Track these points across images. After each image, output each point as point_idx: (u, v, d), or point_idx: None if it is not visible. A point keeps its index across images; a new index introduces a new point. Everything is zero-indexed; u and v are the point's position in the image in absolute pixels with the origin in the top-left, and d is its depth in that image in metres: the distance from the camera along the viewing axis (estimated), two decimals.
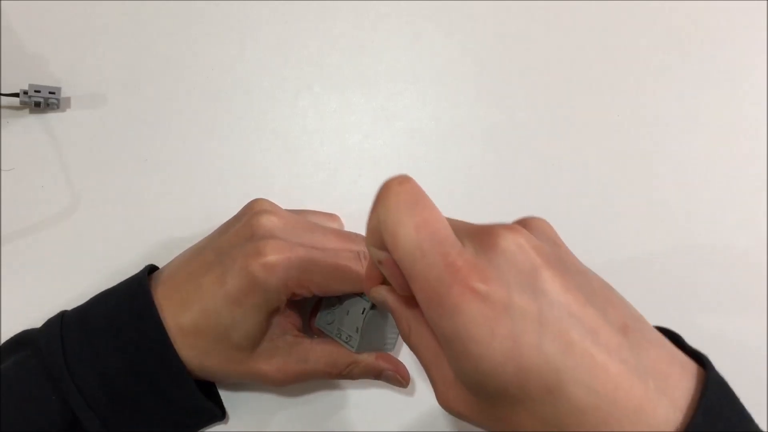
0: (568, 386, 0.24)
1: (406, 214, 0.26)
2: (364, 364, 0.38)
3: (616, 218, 0.44)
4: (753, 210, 0.44)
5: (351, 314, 0.37)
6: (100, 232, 0.43)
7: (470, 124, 0.46)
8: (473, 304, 0.24)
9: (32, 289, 0.42)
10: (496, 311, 0.24)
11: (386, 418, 0.41)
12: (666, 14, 0.48)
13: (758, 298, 0.43)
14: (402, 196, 0.26)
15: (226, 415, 0.40)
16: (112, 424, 0.35)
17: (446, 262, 0.25)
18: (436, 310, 0.25)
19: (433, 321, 0.26)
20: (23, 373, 0.35)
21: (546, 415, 0.24)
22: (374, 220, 0.27)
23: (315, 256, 0.35)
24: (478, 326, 0.24)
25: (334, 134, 0.46)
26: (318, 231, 0.37)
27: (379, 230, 0.26)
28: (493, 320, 0.24)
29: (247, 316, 0.35)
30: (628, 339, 0.25)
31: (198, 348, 0.35)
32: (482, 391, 0.26)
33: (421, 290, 0.25)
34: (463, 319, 0.24)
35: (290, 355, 0.37)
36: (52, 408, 0.34)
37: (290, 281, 0.34)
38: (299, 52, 0.47)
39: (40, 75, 0.45)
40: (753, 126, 0.46)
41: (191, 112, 0.45)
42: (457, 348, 0.25)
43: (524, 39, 0.47)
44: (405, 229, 0.25)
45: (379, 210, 0.26)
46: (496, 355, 0.24)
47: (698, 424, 0.23)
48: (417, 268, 0.25)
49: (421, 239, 0.25)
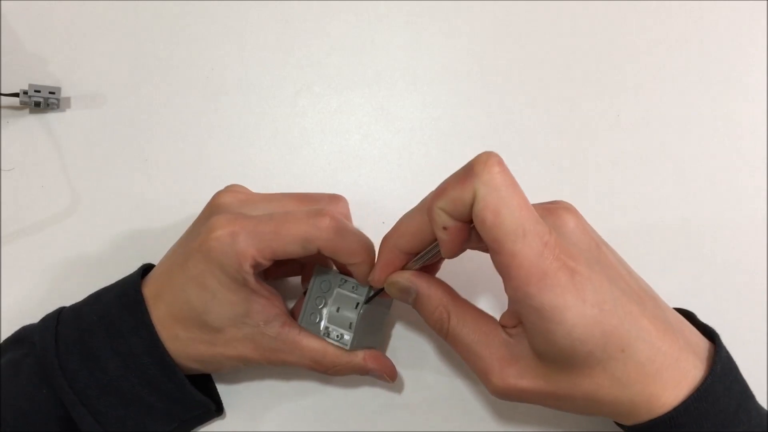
0: (636, 343, 0.29)
1: (510, 194, 0.28)
2: (353, 363, 0.37)
3: (616, 218, 0.44)
4: (753, 210, 0.44)
5: (341, 311, 0.36)
6: (100, 232, 0.43)
7: (470, 124, 0.46)
8: (568, 278, 0.28)
9: (32, 289, 0.42)
10: (583, 283, 0.29)
11: (383, 412, 0.41)
12: (666, 14, 0.48)
13: (758, 298, 0.43)
14: (504, 175, 0.28)
15: (223, 410, 0.40)
16: (105, 419, 0.35)
17: (543, 241, 0.28)
18: (537, 284, 0.28)
19: (528, 295, 0.28)
20: (18, 370, 0.36)
21: (617, 372, 0.29)
22: (463, 192, 0.28)
23: (261, 221, 0.34)
24: (572, 297, 0.28)
25: (334, 134, 0.46)
26: (276, 199, 0.37)
27: (464, 201, 0.28)
28: (582, 291, 0.29)
29: (215, 297, 0.34)
30: (654, 303, 0.32)
31: (179, 338, 0.35)
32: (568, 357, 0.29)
33: (520, 266, 0.28)
34: (560, 291, 0.28)
35: (276, 346, 0.36)
36: (45, 404, 0.35)
37: (242, 250, 0.33)
38: (299, 52, 0.47)
39: (40, 75, 0.45)
40: (753, 126, 0.46)
41: (191, 112, 0.45)
42: (554, 317, 0.28)
43: (524, 39, 0.47)
44: (509, 209, 0.28)
45: (480, 186, 0.28)
46: (587, 320, 0.28)
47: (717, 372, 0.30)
48: (519, 245, 0.28)
49: (524, 219, 0.28)
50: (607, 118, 0.46)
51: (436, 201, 0.29)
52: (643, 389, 0.30)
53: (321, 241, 0.33)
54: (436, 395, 0.41)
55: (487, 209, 0.28)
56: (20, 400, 0.35)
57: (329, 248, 0.33)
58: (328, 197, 0.37)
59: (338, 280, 0.37)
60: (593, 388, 0.30)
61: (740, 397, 0.31)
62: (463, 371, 0.41)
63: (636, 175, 0.45)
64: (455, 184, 0.29)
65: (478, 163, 0.28)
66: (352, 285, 0.36)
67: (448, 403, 0.41)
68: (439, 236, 0.30)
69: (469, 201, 0.28)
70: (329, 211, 0.34)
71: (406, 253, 0.33)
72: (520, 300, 0.29)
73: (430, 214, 0.30)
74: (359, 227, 0.37)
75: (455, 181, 0.29)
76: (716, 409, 0.30)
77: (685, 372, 0.30)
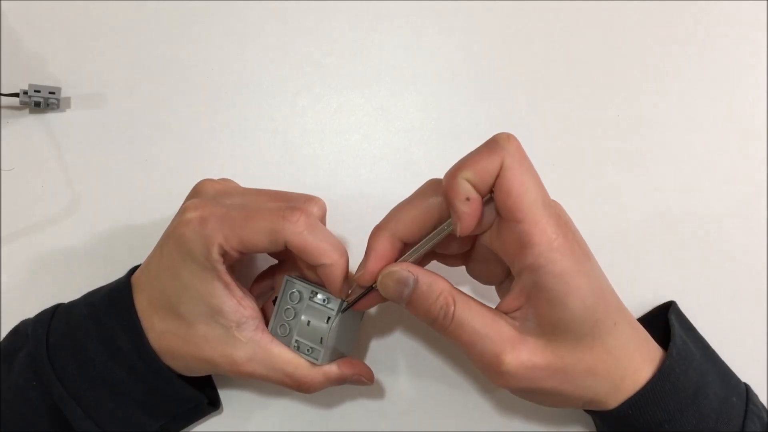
0: (622, 320, 0.33)
1: (531, 168, 0.31)
2: (327, 377, 0.36)
3: (616, 218, 0.44)
4: (753, 210, 0.44)
5: (312, 324, 0.35)
6: (100, 232, 0.43)
7: (470, 124, 0.46)
8: (580, 250, 0.31)
9: (32, 289, 0.42)
10: (589, 257, 0.32)
11: (380, 406, 0.41)
12: (666, 14, 0.48)
13: (758, 298, 0.43)
14: (524, 156, 0.31)
15: (220, 405, 0.40)
16: (95, 412, 0.35)
17: (557, 213, 0.31)
18: (559, 249, 0.30)
19: (551, 260, 0.30)
20: (12, 363, 0.36)
21: (611, 346, 0.32)
22: (490, 162, 0.30)
23: (232, 209, 0.34)
24: (588, 266, 0.31)
25: (334, 134, 0.46)
26: (252, 193, 0.36)
27: (491, 171, 0.30)
28: (590, 263, 0.32)
29: (186, 286, 0.34)
30: None
31: (155, 328, 0.35)
32: (578, 327, 0.31)
33: (543, 232, 0.30)
34: (579, 259, 0.31)
35: (248, 354, 0.35)
36: (36, 397, 0.35)
37: (209, 235, 0.33)
38: (299, 52, 0.47)
39: (40, 75, 0.45)
40: (753, 126, 0.46)
41: (191, 112, 0.45)
42: (573, 281, 0.30)
43: (524, 39, 0.47)
44: (533, 180, 0.30)
45: (507, 156, 0.30)
46: (595, 290, 0.31)
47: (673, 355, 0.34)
48: (542, 214, 0.30)
49: (543, 192, 0.31)
50: (607, 118, 0.46)
51: (461, 172, 0.30)
52: (628, 365, 0.33)
53: (289, 235, 0.32)
54: (431, 388, 0.41)
55: (514, 178, 0.30)
56: (11, 392, 0.35)
57: (297, 244, 0.33)
58: (304, 197, 0.36)
59: (309, 292, 0.35)
60: (594, 362, 0.32)
61: (698, 380, 0.34)
62: (454, 370, 0.41)
63: (636, 175, 0.45)
64: (481, 155, 0.30)
65: (502, 138, 0.30)
66: (324, 298, 0.35)
67: (443, 398, 0.41)
68: (460, 210, 0.30)
69: (495, 171, 0.30)
70: (303, 208, 0.33)
71: (402, 243, 0.33)
72: (540, 266, 0.30)
73: (451, 187, 0.31)
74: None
75: (480, 154, 0.31)
76: (677, 388, 0.33)
77: (652, 352, 0.34)
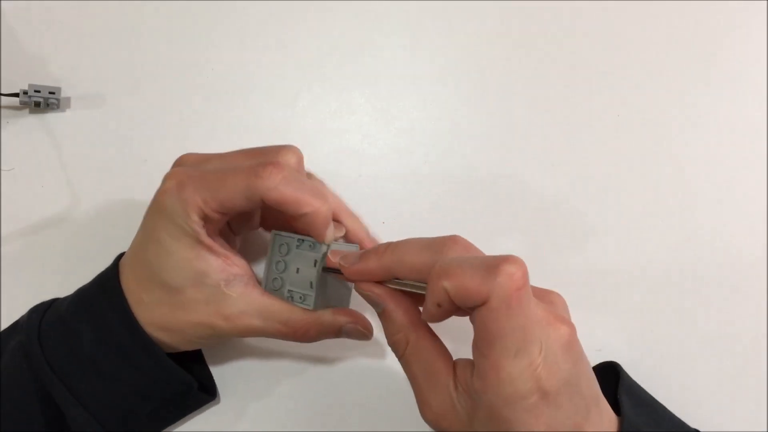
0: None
1: (518, 314, 0.28)
2: (321, 322, 0.36)
3: (616, 218, 0.44)
4: (753, 210, 0.44)
5: (301, 271, 0.36)
6: (100, 232, 0.43)
7: (470, 124, 0.46)
8: (536, 400, 0.29)
9: (32, 289, 0.42)
10: (548, 406, 0.29)
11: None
12: (666, 14, 0.48)
13: (758, 298, 0.43)
14: (521, 292, 0.28)
15: (217, 394, 0.40)
16: (83, 394, 0.35)
17: (529, 361, 0.29)
18: (506, 398, 0.29)
19: (493, 403, 0.29)
20: (4, 349, 0.37)
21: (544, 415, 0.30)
22: (478, 292, 0.28)
23: (208, 172, 0.34)
24: (530, 418, 0.29)
25: (334, 134, 0.46)
26: (229, 156, 0.36)
27: (473, 299, 0.28)
28: (541, 415, 0.29)
29: (169, 253, 0.34)
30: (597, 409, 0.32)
31: (143, 302, 0.35)
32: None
33: (498, 376, 0.28)
34: (522, 410, 0.29)
35: (240, 308, 0.35)
36: (25, 381, 0.35)
37: (188, 198, 0.33)
38: (299, 52, 0.47)
39: (40, 75, 0.45)
40: (753, 126, 0.46)
41: (191, 112, 0.45)
42: (509, 428, 0.29)
43: (524, 39, 0.47)
44: (513, 328, 0.28)
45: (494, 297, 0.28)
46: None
47: None
48: (506, 361, 0.28)
49: (521, 340, 0.28)
50: (607, 118, 0.46)
51: (445, 279, 0.28)
52: None
53: (264, 191, 0.32)
54: None
55: (493, 322, 0.28)
56: (3, 377, 0.36)
57: (274, 198, 0.33)
58: (276, 149, 0.36)
59: (295, 241, 0.36)
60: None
61: None
62: None
63: (636, 175, 0.45)
64: (473, 276, 0.28)
65: (504, 273, 0.27)
66: (309, 243, 0.36)
67: None
68: (428, 308, 0.30)
69: (476, 302, 0.28)
70: (275, 161, 0.33)
71: (394, 276, 0.33)
72: (484, 396, 0.29)
73: (431, 283, 0.29)
74: None
75: (473, 273, 0.28)
76: None
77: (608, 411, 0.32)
